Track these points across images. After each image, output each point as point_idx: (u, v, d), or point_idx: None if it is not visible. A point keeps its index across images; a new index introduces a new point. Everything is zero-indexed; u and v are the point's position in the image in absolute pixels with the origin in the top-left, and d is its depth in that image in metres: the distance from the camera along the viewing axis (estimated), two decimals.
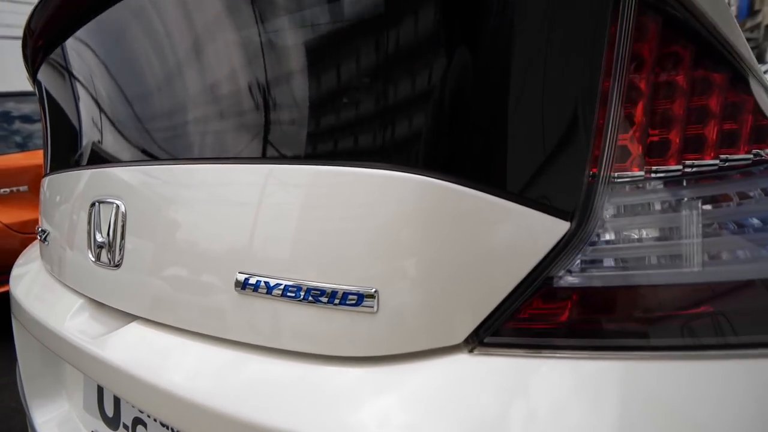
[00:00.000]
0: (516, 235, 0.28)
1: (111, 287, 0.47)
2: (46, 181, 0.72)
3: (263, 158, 0.37)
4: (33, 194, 2.27)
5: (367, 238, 0.31)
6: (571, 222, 0.28)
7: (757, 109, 0.33)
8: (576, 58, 0.30)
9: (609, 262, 0.29)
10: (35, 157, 2.33)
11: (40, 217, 0.74)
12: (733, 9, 23.90)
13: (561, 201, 0.28)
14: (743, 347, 0.27)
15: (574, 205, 0.28)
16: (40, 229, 0.69)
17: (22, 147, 2.37)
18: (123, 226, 0.45)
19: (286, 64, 0.37)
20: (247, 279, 0.34)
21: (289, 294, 0.32)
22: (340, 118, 0.35)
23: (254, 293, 0.34)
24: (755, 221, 0.31)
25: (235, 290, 0.35)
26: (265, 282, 0.33)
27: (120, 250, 0.46)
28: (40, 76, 0.73)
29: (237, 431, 0.32)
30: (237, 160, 0.38)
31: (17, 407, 1.65)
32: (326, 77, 0.35)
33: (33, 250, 0.90)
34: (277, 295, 0.33)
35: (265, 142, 0.38)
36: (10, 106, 2.54)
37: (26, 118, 2.56)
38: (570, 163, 0.29)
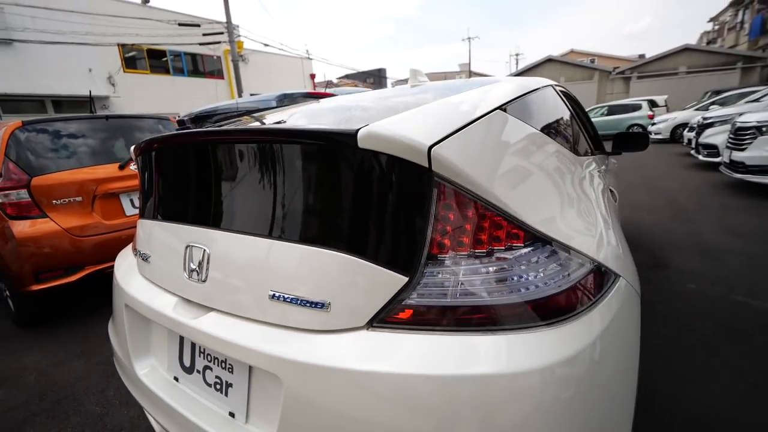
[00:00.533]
0: (384, 282, 0.68)
1: (199, 293, 0.88)
2: (142, 222, 1.14)
3: (278, 237, 0.78)
4: (85, 204, 2.70)
5: (324, 279, 0.71)
6: (409, 277, 0.68)
7: (511, 226, 0.72)
8: (417, 207, 0.69)
9: (426, 295, 0.68)
10: (86, 173, 2.75)
11: (137, 241, 1.16)
12: (746, 26, 23.91)
13: (405, 268, 0.68)
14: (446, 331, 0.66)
15: (411, 269, 0.68)
16: (140, 252, 1.11)
17: (76, 164, 2.79)
18: (208, 261, 0.86)
19: (296, 202, 0.78)
20: (274, 293, 0.75)
21: (292, 301, 0.73)
22: (317, 227, 0.75)
23: (277, 300, 0.75)
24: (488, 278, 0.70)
25: (269, 299, 0.75)
26: (282, 296, 0.74)
27: (206, 272, 0.86)
28: (143, 157, 1.14)
29: (265, 360, 0.73)
30: (262, 235, 0.79)
31: (77, 377, 2.07)
32: (313, 213, 0.76)
33: (121, 260, 1.31)
34: (287, 301, 0.74)
35: (281, 229, 0.79)
36: (63, 126, 2.93)
37: (75, 137, 2.95)
38: (411, 251, 0.69)
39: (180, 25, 15.18)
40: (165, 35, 15.28)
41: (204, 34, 15.54)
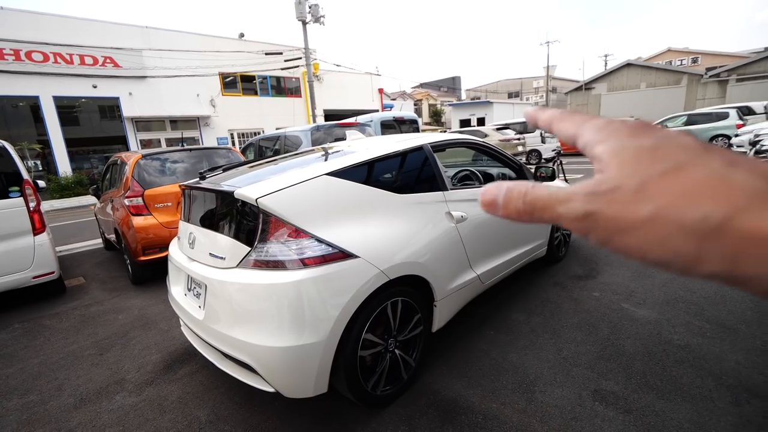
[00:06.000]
0: (242, 249, 1.72)
1: (192, 253, 2.02)
2: (180, 221, 2.34)
3: (213, 229, 1.89)
4: (173, 207, 4.19)
5: (223, 247, 1.78)
6: (250, 248, 1.71)
7: (299, 232, 1.73)
8: (255, 222, 1.73)
9: (258, 255, 1.70)
10: (174, 187, 4.24)
11: (179, 229, 2.37)
12: None
13: (249, 244, 1.72)
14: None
15: (252, 245, 1.71)
16: (178, 236, 2.30)
17: (169, 181, 4.31)
18: (195, 239, 2.00)
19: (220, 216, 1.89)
20: (210, 252, 1.84)
21: (215, 256, 1.82)
22: (224, 226, 1.84)
23: (211, 256, 1.84)
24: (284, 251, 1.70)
25: (209, 255, 1.86)
26: (212, 253, 1.83)
27: (193, 244, 2.00)
28: (185, 192, 2.35)
29: (207, 280, 1.82)
30: (209, 228, 1.91)
31: (159, 311, 3.45)
32: (223, 220, 1.86)
33: (173, 241, 2.55)
34: (213, 256, 1.83)
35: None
36: (164, 156, 4.50)
37: (171, 163, 4.50)
38: (252, 237, 1.72)
39: (266, 54, 17.88)
40: (254, 63, 18.12)
41: (285, 60, 18.06)
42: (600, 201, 0.22)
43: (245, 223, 1.77)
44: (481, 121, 27.87)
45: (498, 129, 13.44)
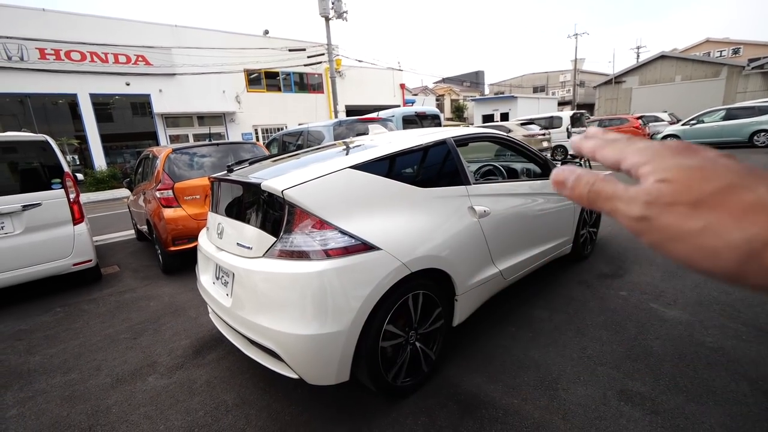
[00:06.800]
0: (268, 239, 1.77)
1: (220, 243, 2.10)
2: (209, 212, 2.43)
3: (240, 220, 1.95)
4: (201, 199, 4.34)
5: (250, 237, 1.84)
6: (276, 238, 1.77)
7: (322, 223, 1.76)
8: (280, 212, 1.78)
9: (283, 245, 1.75)
10: (202, 180, 4.39)
11: (208, 220, 2.46)
12: None
13: (275, 234, 1.77)
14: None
15: (277, 235, 1.76)
16: (207, 226, 2.39)
17: (198, 174, 4.47)
18: (223, 229, 2.08)
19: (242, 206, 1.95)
20: (237, 242, 1.91)
21: (242, 245, 1.88)
22: (250, 216, 1.90)
23: (238, 245, 1.91)
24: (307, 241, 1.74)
25: (236, 244, 1.92)
26: (240, 243, 1.90)
27: (222, 233, 2.08)
28: (214, 184, 2.43)
29: (235, 269, 1.89)
30: (236, 219, 1.97)
31: (187, 299, 3.59)
32: (248, 211, 1.92)
33: (202, 232, 2.65)
34: (241, 246, 1.89)
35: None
36: (193, 150, 4.67)
37: (199, 157, 4.66)
38: (278, 228, 1.77)
39: (290, 50, 18.11)
40: (278, 60, 18.39)
41: (308, 56, 18.23)
42: (657, 209, 0.24)
43: (271, 214, 1.82)
44: (504, 117, 27.25)
45: (522, 124, 13.13)
